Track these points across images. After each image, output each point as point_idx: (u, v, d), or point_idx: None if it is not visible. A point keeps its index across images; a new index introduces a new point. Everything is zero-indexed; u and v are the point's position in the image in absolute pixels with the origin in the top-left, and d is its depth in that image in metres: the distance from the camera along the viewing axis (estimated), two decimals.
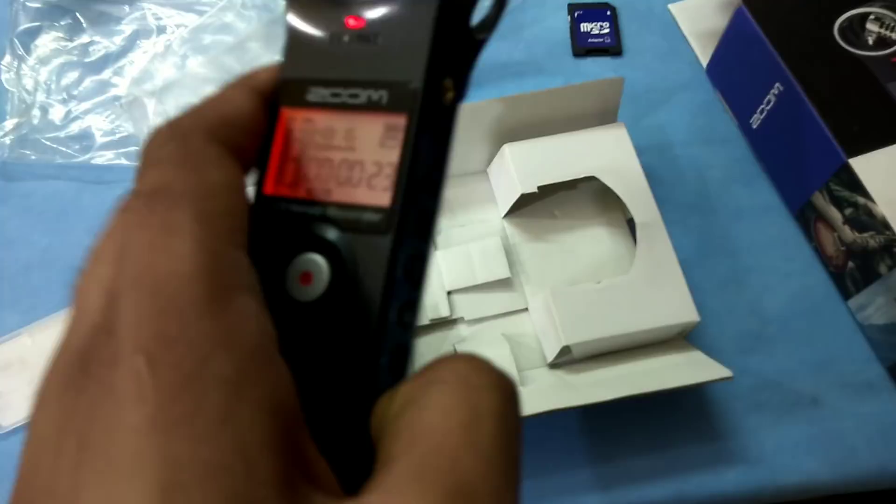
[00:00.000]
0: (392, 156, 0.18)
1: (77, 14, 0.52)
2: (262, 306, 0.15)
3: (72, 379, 0.14)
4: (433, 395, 0.15)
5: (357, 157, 0.18)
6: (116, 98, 0.49)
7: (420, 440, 0.14)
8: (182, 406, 0.12)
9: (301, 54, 0.19)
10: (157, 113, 0.47)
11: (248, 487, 0.12)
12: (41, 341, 0.42)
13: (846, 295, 0.43)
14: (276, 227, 0.18)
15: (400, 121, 0.18)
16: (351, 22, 0.18)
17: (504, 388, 0.16)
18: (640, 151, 0.42)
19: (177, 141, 0.17)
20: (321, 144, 0.18)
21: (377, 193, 0.18)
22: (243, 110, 0.18)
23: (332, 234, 0.18)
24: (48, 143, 0.48)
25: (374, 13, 0.18)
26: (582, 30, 0.53)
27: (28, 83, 0.49)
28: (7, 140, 0.47)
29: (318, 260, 0.18)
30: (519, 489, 0.15)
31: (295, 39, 0.19)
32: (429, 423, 0.14)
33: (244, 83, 0.19)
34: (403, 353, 0.18)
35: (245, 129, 0.18)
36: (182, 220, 0.14)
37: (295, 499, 0.13)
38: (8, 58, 0.50)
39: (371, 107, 0.18)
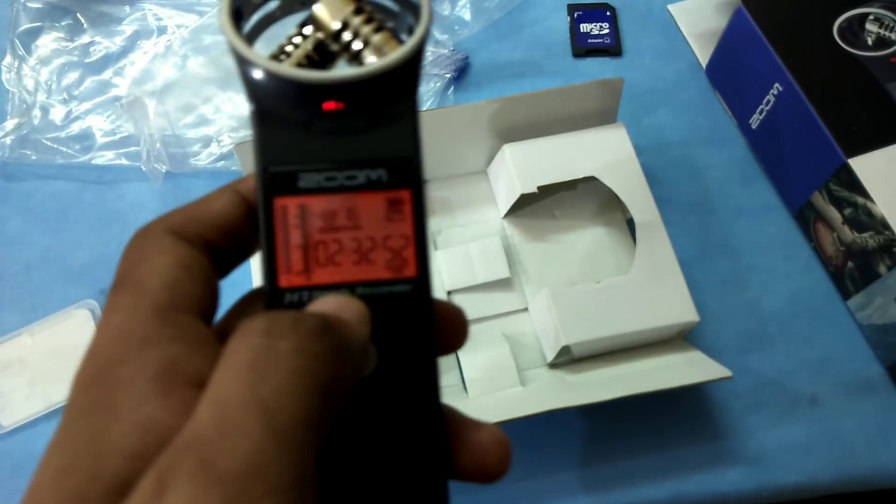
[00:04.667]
0: (403, 228, 0.18)
1: (78, 14, 0.52)
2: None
3: None
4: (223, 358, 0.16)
5: (366, 234, 0.18)
6: (117, 98, 0.49)
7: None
8: None
9: (282, 139, 0.19)
10: (158, 113, 0.48)
11: None
12: (41, 341, 0.42)
13: (845, 295, 0.43)
14: None
15: (404, 194, 0.18)
16: (330, 105, 0.18)
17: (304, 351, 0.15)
18: (640, 151, 0.42)
19: (137, 237, 0.19)
20: (325, 228, 0.18)
21: (400, 265, 0.18)
22: (213, 209, 0.19)
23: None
24: (49, 143, 0.48)
25: (350, 95, 0.18)
26: (582, 30, 0.53)
27: (29, 83, 0.50)
28: (8, 140, 0.47)
29: None
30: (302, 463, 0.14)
31: (268, 130, 0.19)
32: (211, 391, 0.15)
33: (229, 186, 0.20)
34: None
35: (215, 226, 0.19)
36: (119, 300, 0.18)
37: None
38: (9, 58, 0.50)
39: (371, 186, 0.18)
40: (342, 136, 0.19)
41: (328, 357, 0.16)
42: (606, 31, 0.52)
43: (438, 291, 0.41)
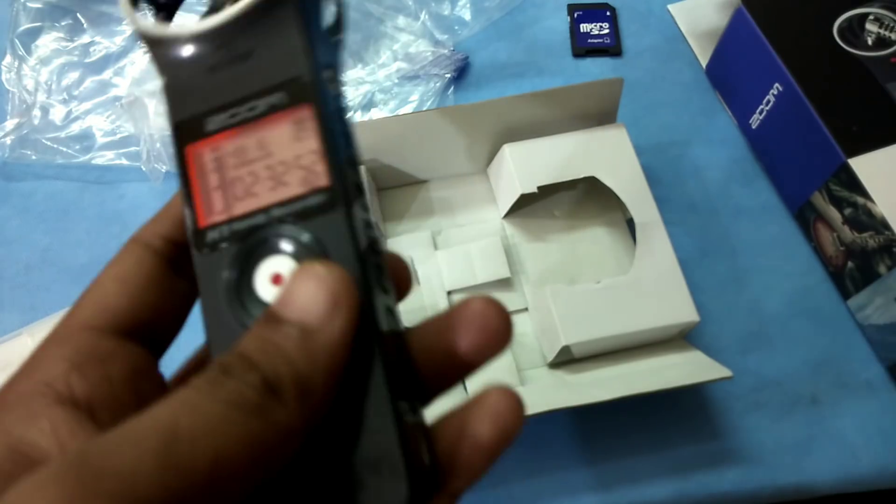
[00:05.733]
0: (311, 143, 0.18)
1: (78, 14, 0.52)
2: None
3: None
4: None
5: (278, 159, 0.18)
6: (117, 98, 0.49)
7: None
8: None
9: (185, 94, 0.19)
10: (158, 113, 0.48)
11: None
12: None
13: (845, 295, 0.43)
14: (225, 249, 0.18)
15: (305, 111, 0.18)
16: (223, 48, 0.19)
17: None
18: (640, 151, 0.42)
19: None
20: (238, 163, 0.18)
21: (312, 178, 0.18)
22: (175, 202, 0.20)
23: (285, 230, 0.18)
24: (49, 143, 0.48)
25: (242, 35, 0.19)
26: (581, 30, 0.53)
27: (29, 83, 0.50)
28: (8, 140, 0.47)
29: (283, 260, 0.18)
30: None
31: (173, 85, 0.19)
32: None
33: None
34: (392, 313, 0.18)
35: (180, 221, 0.20)
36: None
37: None
38: (9, 58, 0.50)
39: (272, 111, 0.18)
40: (241, 74, 0.19)
41: (289, 411, 0.15)
42: (606, 31, 0.52)
43: (438, 291, 0.41)
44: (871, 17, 0.44)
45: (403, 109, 0.49)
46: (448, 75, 0.50)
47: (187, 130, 0.19)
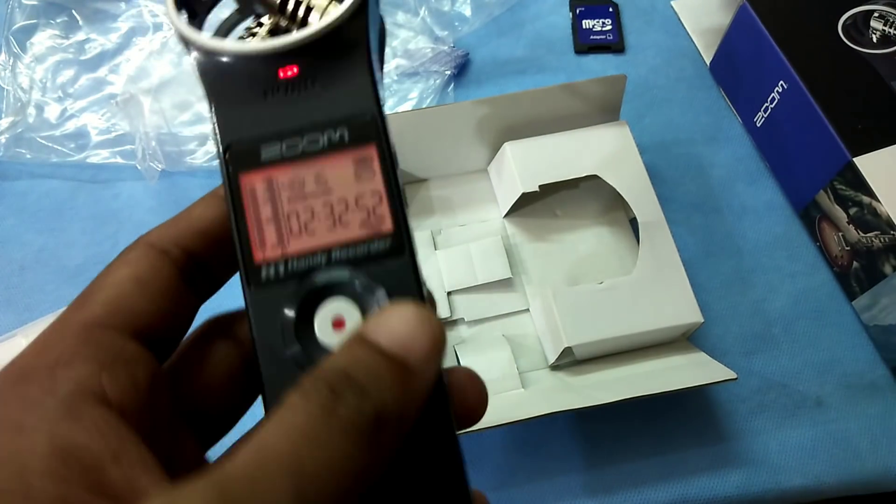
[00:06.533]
0: (374, 184, 0.18)
1: (73, 11, 0.51)
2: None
3: None
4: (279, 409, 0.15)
5: (337, 196, 0.18)
6: (112, 96, 0.49)
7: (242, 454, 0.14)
8: None
9: (239, 116, 0.18)
10: (153, 111, 0.47)
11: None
12: None
13: (851, 295, 0.42)
14: (282, 289, 0.18)
15: (369, 150, 0.18)
16: (285, 73, 0.18)
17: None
18: (643, 150, 0.42)
19: (123, 250, 0.19)
20: (294, 197, 0.18)
21: (376, 222, 0.18)
22: (193, 214, 0.19)
23: (348, 274, 0.17)
24: (43, 141, 0.47)
25: (305, 59, 0.18)
26: (584, 27, 0.52)
27: (24, 81, 0.49)
28: (2, 139, 0.47)
29: (344, 303, 0.17)
30: None
31: (225, 103, 0.19)
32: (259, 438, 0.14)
33: (212, 191, 0.20)
34: None
35: (197, 231, 0.19)
36: (63, 314, 0.18)
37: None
38: (3, 56, 0.49)
39: (334, 146, 0.18)
40: (299, 103, 0.18)
41: (383, 449, 0.15)
42: (609, 27, 0.52)
43: (438, 292, 0.40)
44: (875, 14, 0.44)
45: (403, 107, 0.48)
46: (448, 72, 0.49)
47: (241, 156, 0.18)
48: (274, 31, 0.20)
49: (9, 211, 0.46)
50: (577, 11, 0.53)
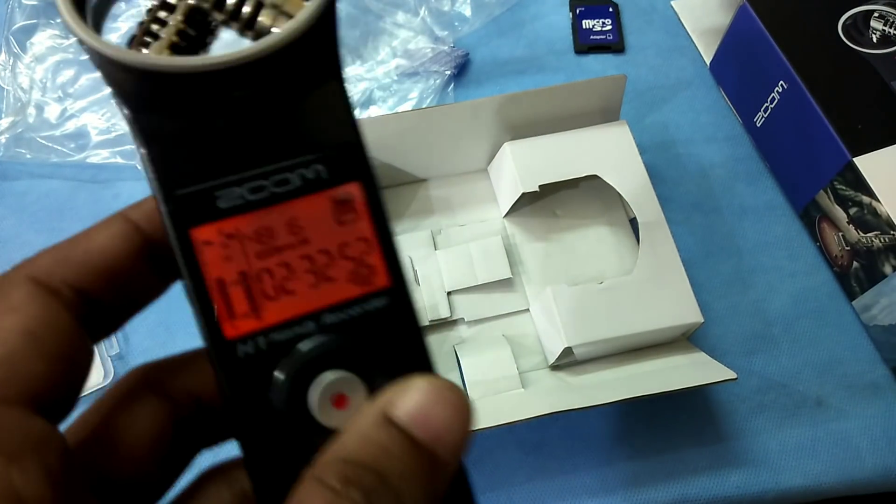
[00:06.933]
0: (359, 229, 0.15)
1: None
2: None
3: None
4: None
5: (316, 247, 0.15)
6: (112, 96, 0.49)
7: None
8: None
9: (180, 154, 0.14)
10: None
11: None
12: None
13: (851, 295, 0.42)
14: (266, 367, 0.15)
15: (352, 189, 0.15)
16: (241, 94, 0.14)
17: None
18: (643, 150, 0.42)
19: None
20: (263, 251, 0.15)
21: (367, 274, 0.15)
22: (92, 245, 0.16)
23: (343, 342, 0.15)
24: (43, 141, 0.47)
25: (259, 77, 0.14)
26: (584, 26, 0.52)
27: (23, 81, 0.49)
28: (2, 139, 0.47)
29: (344, 375, 0.15)
30: None
31: (159, 142, 0.15)
32: None
33: (119, 214, 0.16)
34: None
35: (94, 269, 0.16)
36: None
37: None
38: (3, 55, 0.49)
39: (308, 187, 0.15)
40: (259, 133, 0.14)
41: None
42: (609, 27, 0.52)
43: (438, 291, 0.40)
44: (875, 14, 0.44)
45: (403, 107, 0.48)
46: (448, 72, 0.49)
47: (191, 206, 0.15)
48: (191, 20, 0.15)
49: (9, 211, 0.46)
50: (577, 11, 0.53)
